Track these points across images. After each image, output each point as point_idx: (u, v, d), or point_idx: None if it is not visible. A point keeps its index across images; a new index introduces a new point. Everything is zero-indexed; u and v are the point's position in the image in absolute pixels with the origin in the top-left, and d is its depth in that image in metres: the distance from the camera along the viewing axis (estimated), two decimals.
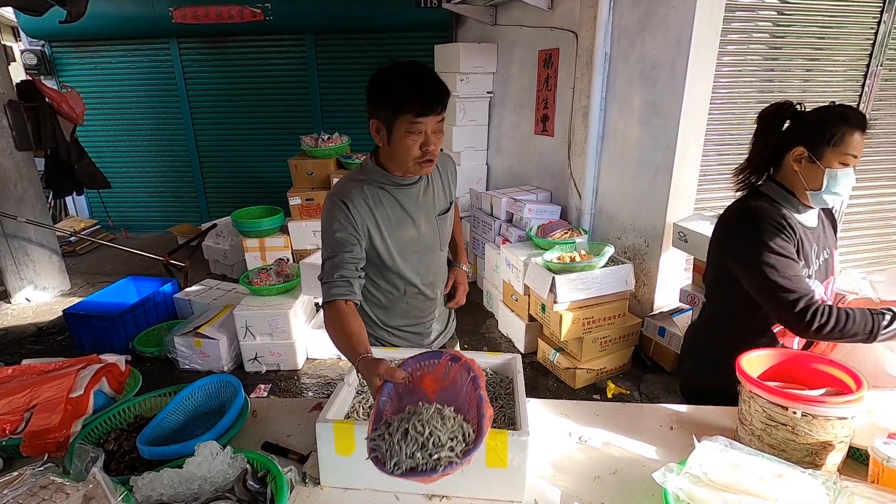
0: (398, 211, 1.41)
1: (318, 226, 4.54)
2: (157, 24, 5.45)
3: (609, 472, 1.16)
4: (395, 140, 1.29)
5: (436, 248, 1.53)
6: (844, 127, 1.30)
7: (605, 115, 3.49)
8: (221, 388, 1.38)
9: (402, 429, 0.91)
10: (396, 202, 1.41)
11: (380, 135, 1.31)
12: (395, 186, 1.40)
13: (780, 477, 0.94)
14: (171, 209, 6.50)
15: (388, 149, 1.32)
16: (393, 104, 1.26)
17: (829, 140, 1.31)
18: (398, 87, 1.27)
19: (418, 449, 0.88)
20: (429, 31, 5.56)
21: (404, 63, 1.31)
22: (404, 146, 1.28)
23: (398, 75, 1.28)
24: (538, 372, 3.28)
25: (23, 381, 1.36)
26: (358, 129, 5.60)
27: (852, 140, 1.30)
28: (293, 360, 3.30)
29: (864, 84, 3.25)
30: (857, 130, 1.30)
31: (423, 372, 1.13)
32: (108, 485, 0.91)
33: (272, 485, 0.99)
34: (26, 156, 4.21)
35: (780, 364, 1.26)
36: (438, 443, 0.88)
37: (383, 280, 1.50)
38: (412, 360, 1.17)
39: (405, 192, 1.42)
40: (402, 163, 1.33)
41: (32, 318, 4.12)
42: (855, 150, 1.31)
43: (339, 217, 1.34)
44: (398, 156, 1.31)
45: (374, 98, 1.29)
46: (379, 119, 1.29)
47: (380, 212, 1.39)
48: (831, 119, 1.31)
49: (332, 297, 1.29)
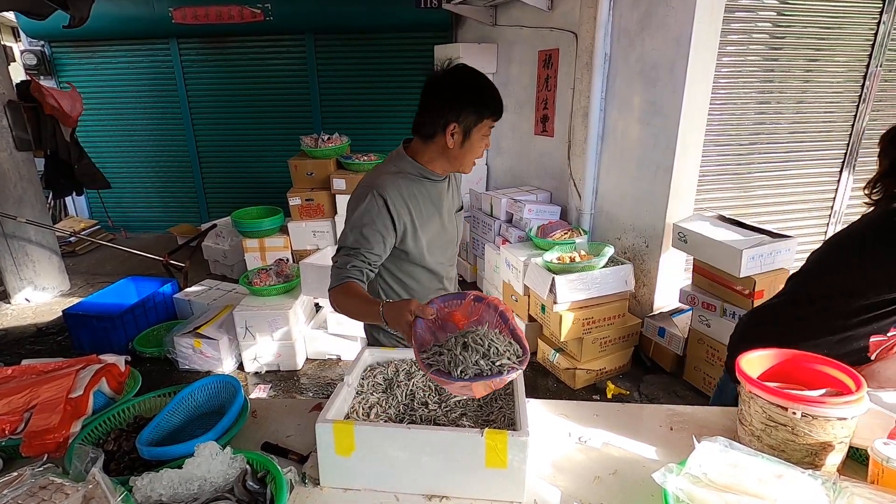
0: (428, 205, 1.45)
1: (317, 226, 4.55)
2: (157, 24, 5.46)
3: (609, 472, 1.16)
4: (472, 142, 1.35)
5: (454, 243, 1.59)
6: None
7: (605, 115, 3.49)
8: (221, 389, 1.38)
9: (460, 343, 1.00)
10: (427, 196, 1.45)
11: (454, 137, 1.34)
12: (427, 181, 1.44)
13: (780, 477, 0.94)
14: (171, 209, 6.50)
15: (456, 150, 1.36)
16: (480, 109, 1.32)
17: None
18: (485, 92, 1.33)
19: (481, 357, 0.98)
20: (429, 31, 5.57)
21: (472, 69, 1.36)
22: (477, 147, 1.36)
23: (482, 81, 1.34)
24: (538, 372, 3.28)
25: (22, 382, 1.35)
26: (358, 130, 5.62)
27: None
28: (293, 361, 3.30)
29: (864, 85, 3.25)
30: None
31: (451, 309, 1.18)
32: (107, 485, 0.91)
33: (272, 485, 0.99)
34: (26, 156, 4.21)
35: (779, 364, 1.26)
36: (498, 352, 0.99)
37: (409, 277, 1.52)
38: (438, 299, 1.19)
39: (435, 187, 1.46)
40: (463, 163, 1.39)
41: (32, 319, 4.11)
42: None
43: (374, 212, 1.35)
44: (464, 156, 1.37)
45: (459, 102, 1.31)
46: (459, 122, 1.32)
47: (414, 205, 1.41)
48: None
49: (344, 279, 1.33)
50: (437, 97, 1.34)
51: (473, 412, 1.20)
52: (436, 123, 1.34)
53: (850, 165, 3.45)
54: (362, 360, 1.37)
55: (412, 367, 1.36)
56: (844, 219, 3.60)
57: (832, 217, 3.57)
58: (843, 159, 3.43)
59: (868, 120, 3.35)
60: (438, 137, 1.36)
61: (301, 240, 4.59)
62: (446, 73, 1.34)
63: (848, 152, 3.42)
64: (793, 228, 3.34)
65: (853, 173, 3.47)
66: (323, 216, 4.55)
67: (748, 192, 3.34)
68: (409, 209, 1.40)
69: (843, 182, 3.49)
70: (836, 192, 3.51)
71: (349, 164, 4.46)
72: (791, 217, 3.48)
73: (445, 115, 1.32)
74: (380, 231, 1.36)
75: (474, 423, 1.15)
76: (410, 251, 1.45)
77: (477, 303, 1.19)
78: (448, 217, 1.52)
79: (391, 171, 1.42)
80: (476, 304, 1.19)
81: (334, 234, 4.59)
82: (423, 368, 1.00)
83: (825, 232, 3.61)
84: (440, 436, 1.06)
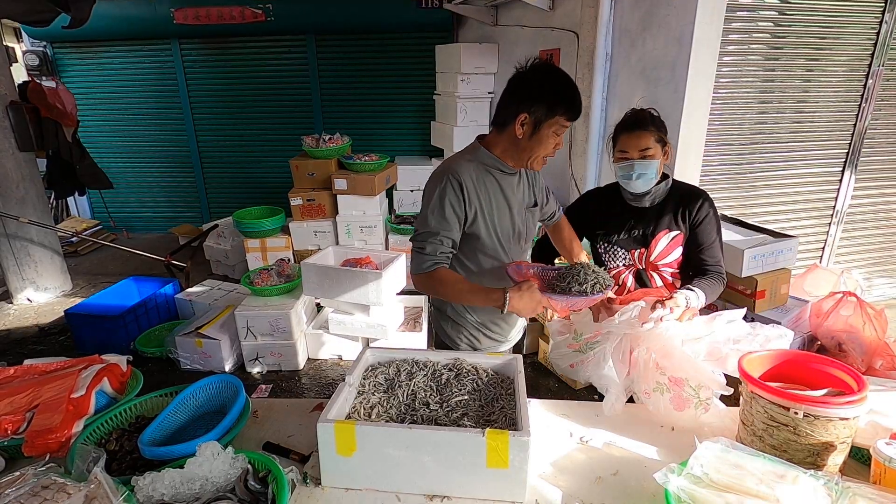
0: (499, 196, 1.51)
1: (319, 226, 4.55)
2: (159, 24, 5.46)
3: (610, 472, 1.16)
4: (540, 135, 1.40)
5: (523, 239, 1.64)
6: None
7: (606, 115, 3.49)
8: (223, 389, 1.39)
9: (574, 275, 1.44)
10: (499, 187, 1.51)
11: (523, 127, 1.40)
12: (500, 172, 1.51)
13: (782, 478, 0.94)
14: (173, 210, 6.51)
15: (525, 141, 1.42)
16: (552, 104, 1.37)
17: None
18: (561, 90, 1.38)
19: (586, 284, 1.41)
20: (430, 31, 5.57)
21: (557, 67, 1.44)
22: (546, 142, 1.42)
23: (562, 80, 1.40)
24: (539, 372, 3.27)
25: (25, 382, 1.36)
26: (359, 130, 5.62)
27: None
28: (294, 361, 3.31)
29: (866, 84, 3.24)
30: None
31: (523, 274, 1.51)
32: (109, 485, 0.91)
33: (273, 485, 0.99)
34: (28, 156, 4.22)
35: (781, 364, 1.26)
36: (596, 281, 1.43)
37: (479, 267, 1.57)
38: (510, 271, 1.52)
39: (507, 180, 1.53)
40: (531, 156, 1.45)
41: (34, 319, 4.12)
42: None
43: (450, 195, 1.43)
44: (532, 148, 1.43)
45: (533, 93, 1.38)
46: (530, 113, 1.38)
47: (483, 193, 1.48)
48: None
49: (434, 265, 1.45)
50: (515, 88, 1.41)
51: (475, 412, 1.20)
52: (510, 112, 1.41)
53: (853, 165, 3.44)
54: (364, 359, 1.37)
55: (413, 366, 1.36)
56: (847, 218, 3.59)
57: (834, 216, 3.56)
58: (846, 159, 3.42)
59: (870, 119, 3.34)
60: (510, 127, 1.42)
61: (302, 240, 4.59)
62: (530, 67, 1.42)
63: (850, 152, 3.41)
64: (794, 228, 3.33)
65: (855, 173, 3.47)
66: (324, 216, 4.56)
67: (749, 191, 3.33)
68: (478, 195, 1.46)
69: (845, 181, 3.48)
70: (839, 192, 3.50)
71: (350, 164, 4.46)
72: (793, 217, 3.47)
73: (518, 105, 1.39)
74: (456, 213, 1.44)
75: (475, 423, 1.15)
76: (482, 236, 1.51)
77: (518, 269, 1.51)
78: (518, 211, 1.57)
79: (466, 158, 1.49)
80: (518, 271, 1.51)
81: (335, 234, 4.59)
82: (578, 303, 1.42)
83: (827, 232, 3.60)
84: (441, 436, 1.06)
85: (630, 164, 1.65)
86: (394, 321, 3.32)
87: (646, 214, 1.75)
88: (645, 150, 1.64)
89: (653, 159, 1.64)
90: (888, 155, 3.52)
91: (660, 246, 1.74)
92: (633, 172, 1.65)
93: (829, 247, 3.66)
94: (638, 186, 1.68)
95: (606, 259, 1.85)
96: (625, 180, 1.70)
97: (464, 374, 1.33)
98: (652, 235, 1.74)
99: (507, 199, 1.54)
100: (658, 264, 1.76)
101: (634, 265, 1.79)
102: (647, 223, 1.75)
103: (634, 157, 1.64)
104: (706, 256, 1.73)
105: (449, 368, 1.37)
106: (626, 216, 1.77)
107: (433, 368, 1.35)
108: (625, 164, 1.67)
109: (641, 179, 1.66)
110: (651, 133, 1.65)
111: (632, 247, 1.78)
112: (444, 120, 5.12)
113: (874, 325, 1.95)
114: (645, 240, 1.76)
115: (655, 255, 1.75)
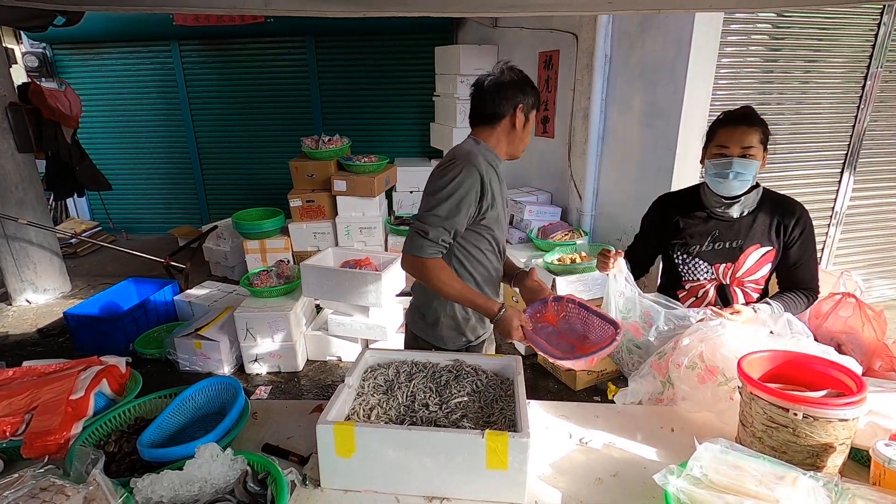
0: (497, 188, 1.57)
1: (318, 227, 4.55)
2: (158, 26, 5.46)
3: (610, 473, 1.16)
4: (528, 127, 1.56)
5: (506, 229, 1.71)
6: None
7: (606, 116, 3.49)
8: (222, 390, 1.38)
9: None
10: (497, 180, 1.57)
11: (522, 114, 1.53)
12: (497, 169, 1.58)
13: (781, 479, 0.94)
14: (172, 211, 6.51)
15: (516, 133, 1.55)
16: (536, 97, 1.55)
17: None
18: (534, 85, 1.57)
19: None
20: (429, 32, 5.58)
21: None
22: (530, 130, 1.57)
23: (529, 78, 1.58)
24: (539, 374, 3.27)
25: (23, 383, 1.36)
26: (358, 131, 5.62)
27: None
28: (293, 362, 3.30)
29: (865, 86, 3.25)
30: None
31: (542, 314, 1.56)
32: (108, 487, 0.91)
33: (272, 487, 0.99)
34: (27, 158, 4.22)
35: (781, 366, 1.26)
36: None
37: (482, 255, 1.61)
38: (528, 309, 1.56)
39: (499, 174, 1.59)
40: (518, 146, 1.58)
41: (33, 320, 4.12)
42: None
43: (468, 184, 1.46)
44: (521, 140, 1.57)
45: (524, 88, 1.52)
46: (526, 105, 1.53)
47: (492, 182, 1.53)
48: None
49: (429, 255, 1.47)
50: (505, 86, 1.51)
51: (474, 413, 1.20)
52: (505, 105, 1.51)
53: (851, 166, 3.45)
54: (363, 361, 1.37)
55: (413, 368, 1.36)
56: (846, 219, 3.60)
57: (833, 218, 3.57)
58: (844, 160, 3.43)
59: (869, 121, 3.35)
60: (505, 120, 1.53)
61: (302, 241, 4.59)
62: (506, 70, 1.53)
63: (849, 153, 3.41)
64: None
65: (854, 174, 3.47)
66: (323, 218, 4.56)
67: None
68: (492, 190, 1.52)
69: (843, 183, 3.48)
70: (837, 193, 3.51)
71: (350, 165, 4.46)
72: None
73: (516, 97, 1.50)
74: (470, 203, 1.47)
75: (475, 424, 1.15)
76: (493, 227, 1.57)
77: (557, 302, 1.54)
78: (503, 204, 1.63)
79: (474, 151, 1.52)
80: (558, 304, 1.54)
81: (335, 235, 4.59)
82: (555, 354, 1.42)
83: (826, 233, 3.60)
84: (441, 437, 1.06)
85: (728, 161, 1.49)
86: (393, 323, 3.32)
87: (733, 225, 1.58)
88: (748, 148, 1.49)
89: (754, 160, 1.49)
90: (887, 156, 3.53)
91: (749, 261, 1.59)
92: (730, 171, 1.49)
93: (828, 248, 3.66)
94: (732, 188, 1.53)
95: (684, 272, 1.68)
96: (718, 179, 1.53)
97: (463, 375, 1.33)
98: (741, 249, 1.58)
99: (502, 191, 1.61)
100: (745, 280, 1.61)
101: (718, 280, 1.63)
102: (736, 235, 1.58)
103: (735, 153, 1.49)
104: (801, 273, 1.59)
105: (448, 370, 1.37)
106: (710, 226, 1.60)
107: (433, 370, 1.35)
108: (722, 161, 1.51)
109: (738, 180, 1.50)
110: (757, 132, 1.50)
111: (716, 260, 1.61)
112: (443, 121, 5.12)
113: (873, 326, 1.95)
114: (732, 254, 1.59)
115: (743, 271, 1.60)
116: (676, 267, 1.70)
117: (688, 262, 1.65)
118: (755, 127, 1.50)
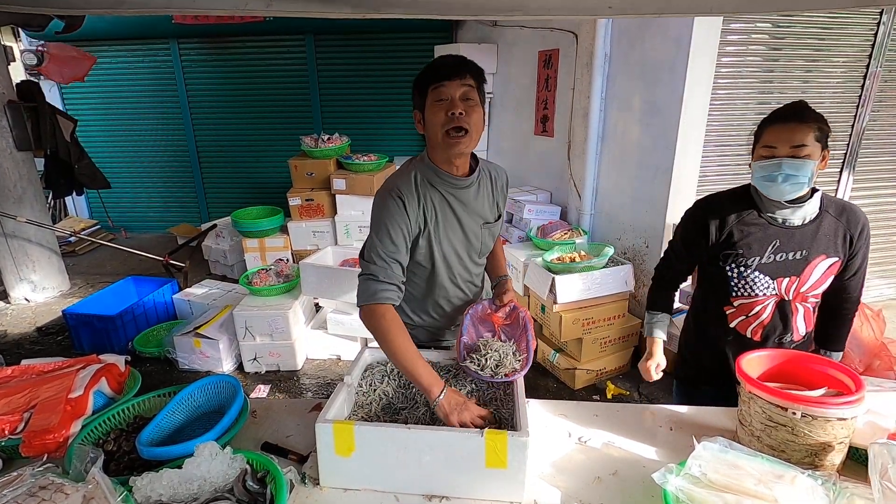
0: (447, 212, 1.38)
1: (317, 226, 4.55)
2: (157, 24, 5.46)
3: (609, 472, 1.16)
4: (428, 117, 1.31)
5: (476, 253, 1.49)
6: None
7: (605, 115, 3.49)
8: (221, 389, 1.38)
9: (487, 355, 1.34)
10: (446, 203, 1.37)
11: (421, 124, 1.35)
12: (446, 185, 1.37)
13: (780, 478, 0.94)
14: (171, 209, 6.50)
15: (427, 130, 1.33)
16: (419, 86, 1.33)
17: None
18: (425, 69, 1.34)
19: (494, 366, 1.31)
20: (428, 31, 5.57)
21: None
22: (435, 116, 1.28)
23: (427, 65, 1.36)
24: (538, 373, 3.28)
25: (22, 382, 1.36)
26: (358, 130, 5.61)
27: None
28: (293, 361, 3.30)
29: (864, 85, 3.25)
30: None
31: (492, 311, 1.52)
32: (107, 485, 0.91)
33: (272, 485, 0.99)
34: (26, 156, 4.21)
35: (779, 365, 1.26)
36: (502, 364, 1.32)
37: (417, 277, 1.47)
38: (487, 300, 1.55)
39: (456, 194, 1.38)
40: (435, 139, 1.31)
41: (32, 319, 4.11)
42: None
43: (395, 214, 1.30)
44: (432, 132, 1.31)
45: (413, 90, 1.35)
46: (417, 107, 1.35)
47: (429, 209, 1.35)
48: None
49: (383, 299, 1.28)
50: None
51: None
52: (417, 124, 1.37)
53: (851, 165, 3.45)
54: (362, 359, 1.37)
55: None
56: None
57: None
58: (843, 159, 3.43)
59: (868, 120, 3.35)
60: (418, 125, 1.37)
61: (301, 240, 4.59)
62: None
63: (848, 152, 3.42)
64: None
65: (853, 173, 3.47)
66: (323, 216, 4.55)
67: None
68: (424, 213, 1.34)
69: (843, 182, 3.48)
70: (836, 192, 3.51)
71: (349, 164, 4.46)
72: None
73: (414, 99, 1.36)
74: (404, 234, 1.31)
75: None
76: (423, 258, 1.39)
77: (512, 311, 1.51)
78: (472, 229, 1.43)
79: (407, 173, 1.37)
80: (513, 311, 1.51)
81: (334, 233, 4.58)
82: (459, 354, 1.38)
83: None
84: (440, 436, 1.06)
85: (776, 162, 1.31)
86: None
87: (795, 234, 1.40)
88: (799, 147, 1.30)
89: (808, 160, 1.31)
90: (886, 156, 3.53)
91: (815, 274, 1.42)
92: (778, 173, 1.31)
93: None
94: (783, 192, 1.34)
95: (739, 287, 1.47)
96: (766, 183, 1.35)
97: (462, 374, 1.33)
98: (806, 261, 1.41)
99: (457, 216, 1.39)
100: (808, 295, 1.45)
101: (779, 295, 1.45)
102: (799, 245, 1.40)
103: (783, 153, 1.31)
104: (855, 283, 1.50)
105: (447, 369, 1.37)
106: (770, 234, 1.41)
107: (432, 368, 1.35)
108: (769, 163, 1.33)
109: (789, 183, 1.32)
110: (810, 128, 1.31)
111: (779, 274, 1.42)
112: None
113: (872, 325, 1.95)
114: (797, 266, 1.41)
115: (809, 284, 1.43)
116: (728, 281, 1.48)
117: (745, 276, 1.45)
118: (807, 123, 1.32)
